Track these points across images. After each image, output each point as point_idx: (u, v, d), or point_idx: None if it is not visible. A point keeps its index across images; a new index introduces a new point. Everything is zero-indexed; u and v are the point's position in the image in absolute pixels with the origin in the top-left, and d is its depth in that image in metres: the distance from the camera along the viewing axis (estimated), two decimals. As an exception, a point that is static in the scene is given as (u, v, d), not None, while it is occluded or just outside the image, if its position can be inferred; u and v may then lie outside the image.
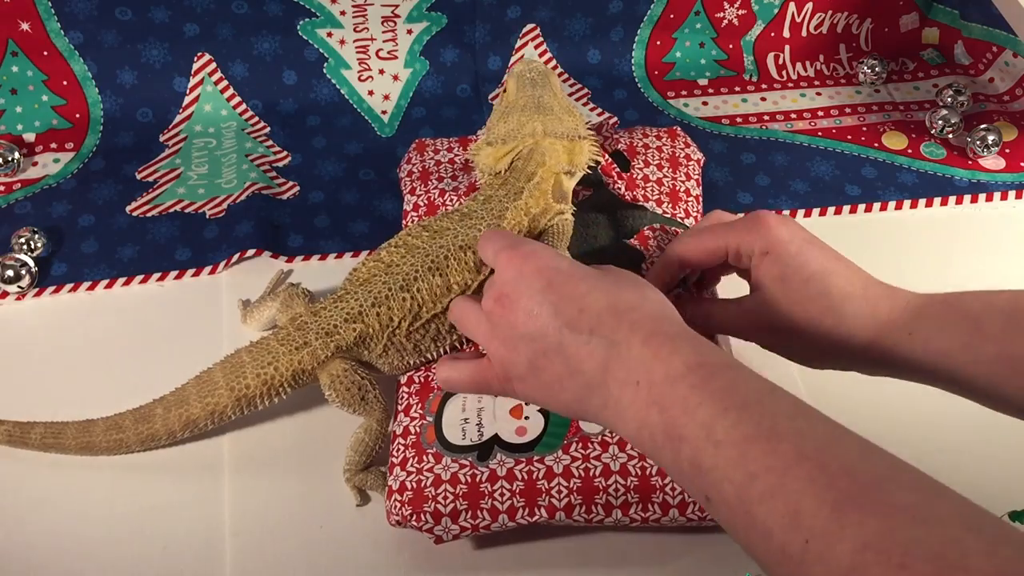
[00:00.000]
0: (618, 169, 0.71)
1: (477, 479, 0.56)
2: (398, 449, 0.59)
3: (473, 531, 0.56)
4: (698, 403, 0.41)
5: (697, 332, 0.53)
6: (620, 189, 0.70)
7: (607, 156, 0.72)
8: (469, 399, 0.59)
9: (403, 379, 0.63)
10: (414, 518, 0.56)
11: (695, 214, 0.72)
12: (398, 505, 0.56)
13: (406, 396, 0.62)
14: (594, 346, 0.45)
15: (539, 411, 0.58)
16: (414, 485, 0.56)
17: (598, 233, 0.68)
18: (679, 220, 0.70)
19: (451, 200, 0.72)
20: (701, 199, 0.75)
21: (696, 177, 0.75)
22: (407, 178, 0.75)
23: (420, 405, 0.60)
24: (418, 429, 0.59)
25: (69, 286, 0.72)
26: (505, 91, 0.68)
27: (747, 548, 0.39)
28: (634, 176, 0.72)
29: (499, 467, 0.56)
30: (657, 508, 0.56)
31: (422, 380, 0.62)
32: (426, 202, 0.72)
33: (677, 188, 0.72)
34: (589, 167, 0.65)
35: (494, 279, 0.51)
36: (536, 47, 0.90)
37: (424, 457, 0.57)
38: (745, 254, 0.56)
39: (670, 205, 0.71)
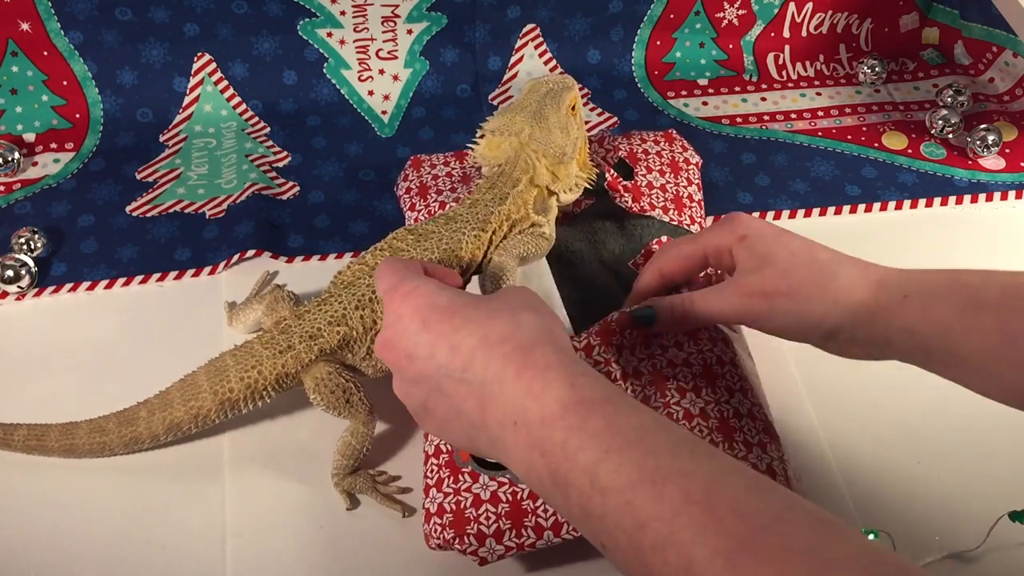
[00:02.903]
0: (624, 182, 0.71)
1: (518, 496, 0.55)
2: (432, 470, 0.58)
3: (518, 550, 0.54)
4: (578, 447, 0.39)
5: (684, 328, 0.50)
6: (627, 201, 0.70)
7: (611, 171, 0.71)
8: None
9: None
10: (457, 541, 0.54)
11: (699, 220, 0.72)
12: (439, 528, 0.55)
13: None
14: (469, 385, 0.44)
15: None
16: (453, 507, 0.55)
17: (606, 239, 0.68)
18: (686, 228, 0.70)
19: None
20: (703, 203, 0.75)
21: (697, 181, 0.75)
22: (406, 195, 0.75)
23: None
24: (449, 447, 0.58)
25: (69, 286, 0.72)
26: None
27: None
28: (638, 184, 0.72)
29: None
30: None
31: None
32: (426, 216, 0.72)
33: (680, 194, 0.72)
34: (588, 186, 0.66)
35: (384, 320, 0.49)
36: (536, 47, 0.90)
37: (460, 477, 0.56)
38: (724, 249, 0.56)
39: (676, 212, 0.71)
